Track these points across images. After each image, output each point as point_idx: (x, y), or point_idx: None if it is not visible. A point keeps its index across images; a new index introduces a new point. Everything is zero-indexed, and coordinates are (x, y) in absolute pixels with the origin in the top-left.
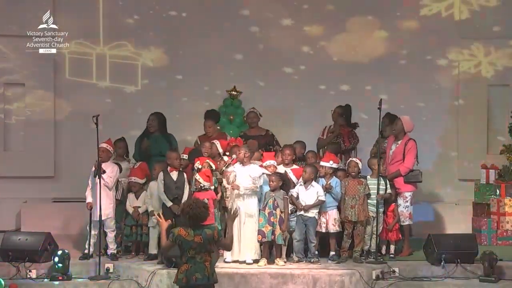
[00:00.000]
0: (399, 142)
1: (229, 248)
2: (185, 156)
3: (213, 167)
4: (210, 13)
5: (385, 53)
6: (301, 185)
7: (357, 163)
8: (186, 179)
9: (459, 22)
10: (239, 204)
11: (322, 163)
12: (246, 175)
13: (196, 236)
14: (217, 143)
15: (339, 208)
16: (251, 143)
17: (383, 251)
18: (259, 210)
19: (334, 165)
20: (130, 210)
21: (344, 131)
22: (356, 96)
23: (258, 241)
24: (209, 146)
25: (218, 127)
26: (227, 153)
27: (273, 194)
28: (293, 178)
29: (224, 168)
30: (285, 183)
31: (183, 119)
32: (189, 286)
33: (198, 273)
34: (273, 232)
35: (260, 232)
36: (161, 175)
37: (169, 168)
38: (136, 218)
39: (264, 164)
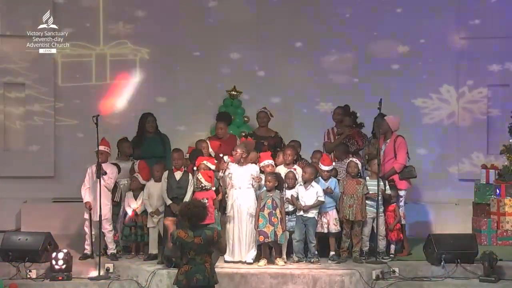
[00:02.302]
0: (388, 141)
1: (223, 250)
2: (187, 156)
3: (211, 167)
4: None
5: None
6: (301, 185)
7: (356, 164)
8: (190, 180)
9: None
10: (240, 204)
11: (324, 167)
12: (244, 174)
13: (196, 238)
14: (208, 142)
15: (337, 208)
16: (249, 143)
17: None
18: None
19: (331, 166)
20: (129, 210)
21: (354, 131)
22: (356, 96)
23: (259, 241)
24: (206, 146)
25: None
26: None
27: (271, 194)
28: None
29: (221, 174)
30: (279, 183)
31: (183, 119)
32: (190, 287)
33: (198, 274)
34: (275, 232)
35: (261, 232)
36: (165, 174)
37: (173, 168)
38: (134, 219)
39: (261, 164)
